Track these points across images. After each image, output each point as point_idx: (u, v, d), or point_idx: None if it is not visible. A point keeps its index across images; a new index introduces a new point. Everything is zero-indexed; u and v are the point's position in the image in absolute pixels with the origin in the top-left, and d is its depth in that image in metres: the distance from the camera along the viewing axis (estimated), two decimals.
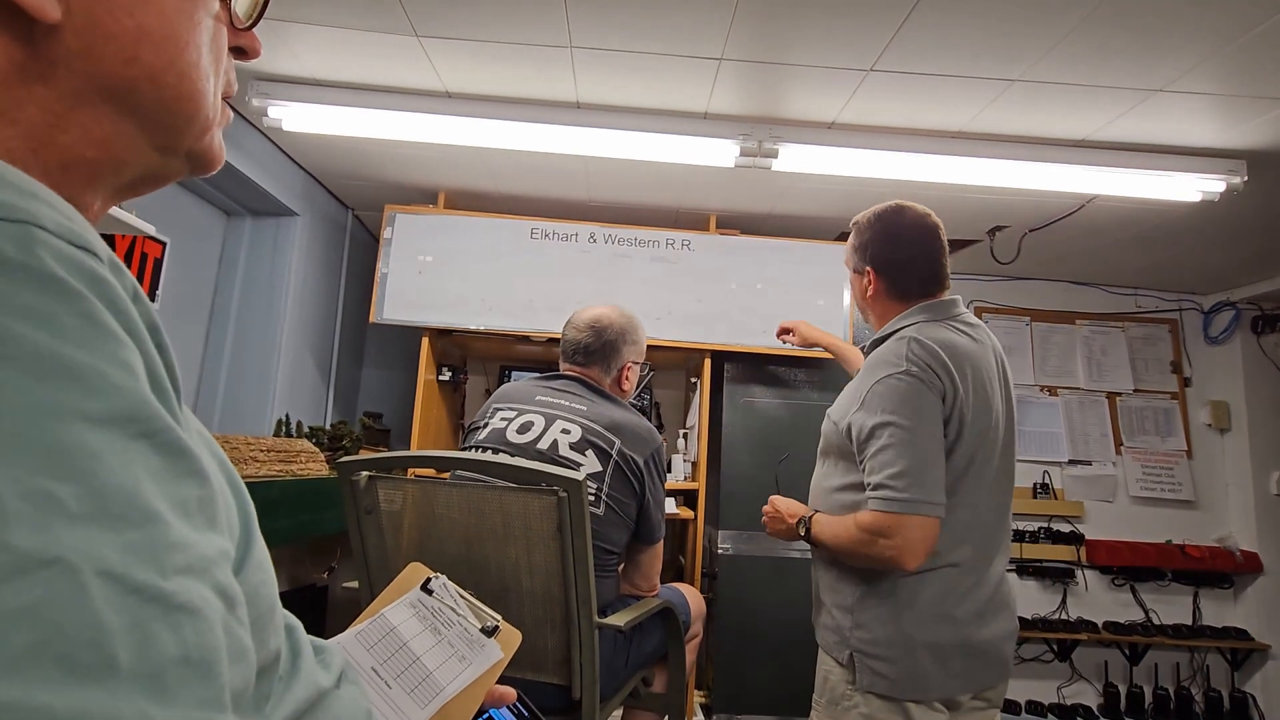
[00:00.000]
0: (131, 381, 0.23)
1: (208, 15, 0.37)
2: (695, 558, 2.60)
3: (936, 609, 1.15)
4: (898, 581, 1.17)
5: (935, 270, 1.29)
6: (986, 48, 1.65)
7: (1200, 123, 1.92)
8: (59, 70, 0.31)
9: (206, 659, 0.23)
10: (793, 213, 2.76)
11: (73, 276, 0.23)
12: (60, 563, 0.19)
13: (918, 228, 1.29)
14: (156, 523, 0.23)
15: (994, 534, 1.21)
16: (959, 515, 1.16)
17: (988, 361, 1.23)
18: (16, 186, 0.23)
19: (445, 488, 1.40)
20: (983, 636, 1.17)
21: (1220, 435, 3.33)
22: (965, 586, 1.17)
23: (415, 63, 1.88)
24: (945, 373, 1.16)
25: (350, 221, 3.07)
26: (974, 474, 1.18)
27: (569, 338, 1.68)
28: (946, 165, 2.11)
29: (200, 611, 0.23)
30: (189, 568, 0.23)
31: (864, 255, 1.33)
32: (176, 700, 0.21)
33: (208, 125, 0.38)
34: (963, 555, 1.17)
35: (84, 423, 0.21)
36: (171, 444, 0.24)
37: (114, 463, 0.22)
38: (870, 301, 1.34)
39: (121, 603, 0.20)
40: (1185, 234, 2.69)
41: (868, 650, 1.18)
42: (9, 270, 0.21)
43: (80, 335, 0.22)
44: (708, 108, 2.03)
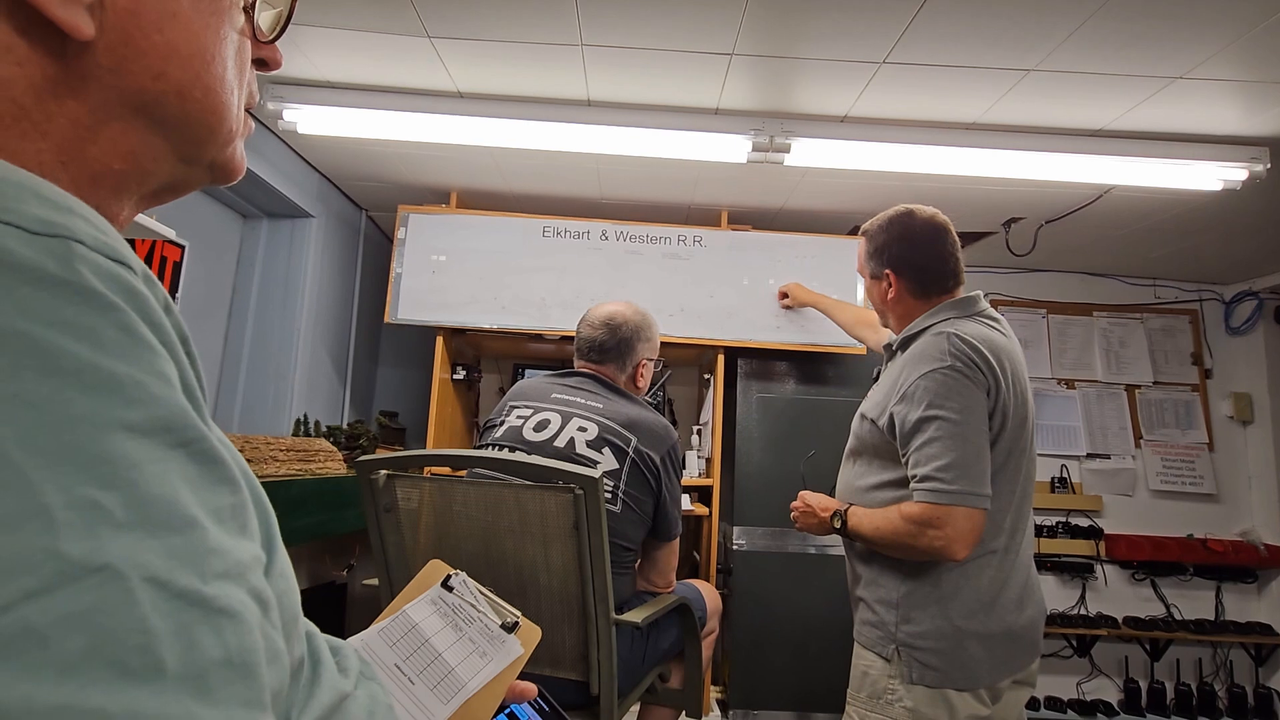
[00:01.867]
0: (168, 391, 0.24)
1: (233, 30, 0.37)
2: (711, 554, 2.60)
3: (982, 598, 1.19)
4: (941, 574, 1.20)
5: (953, 267, 1.33)
6: (1002, 37, 1.64)
7: (1221, 110, 1.89)
8: (90, 85, 0.31)
9: (247, 660, 0.23)
10: (805, 208, 2.75)
11: (111, 290, 0.23)
12: (109, 569, 0.20)
13: (931, 227, 1.34)
14: (195, 529, 0.23)
15: (1024, 521, 1.25)
16: (997, 505, 1.19)
17: (1019, 355, 1.28)
18: (54, 202, 0.24)
19: (463, 486, 1.41)
20: (1021, 622, 1.20)
21: (1243, 427, 3.28)
22: (1005, 574, 1.20)
23: (427, 63, 1.89)
24: (988, 368, 1.19)
25: (364, 222, 3.09)
26: (1011, 465, 1.22)
27: (584, 335, 1.68)
28: (961, 157, 2.09)
29: (239, 615, 0.24)
30: (226, 573, 0.24)
31: (882, 259, 1.36)
32: (221, 701, 0.22)
33: (231, 137, 0.39)
34: (1001, 543, 1.21)
35: (125, 432, 0.22)
36: (206, 453, 0.25)
37: (154, 471, 0.22)
38: (892, 304, 1.37)
39: (166, 607, 0.21)
40: (1206, 223, 2.64)
41: (916, 644, 1.20)
42: (51, 285, 0.22)
43: (119, 347, 0.23)
44: (719, 103, 2.03)
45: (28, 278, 0.21)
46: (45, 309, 0.21)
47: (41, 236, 0.22)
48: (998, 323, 1.31)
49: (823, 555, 2.59)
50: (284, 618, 0.31)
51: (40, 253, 0.22)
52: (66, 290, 0.22)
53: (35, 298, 0.21)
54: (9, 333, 0.20)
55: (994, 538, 1.21)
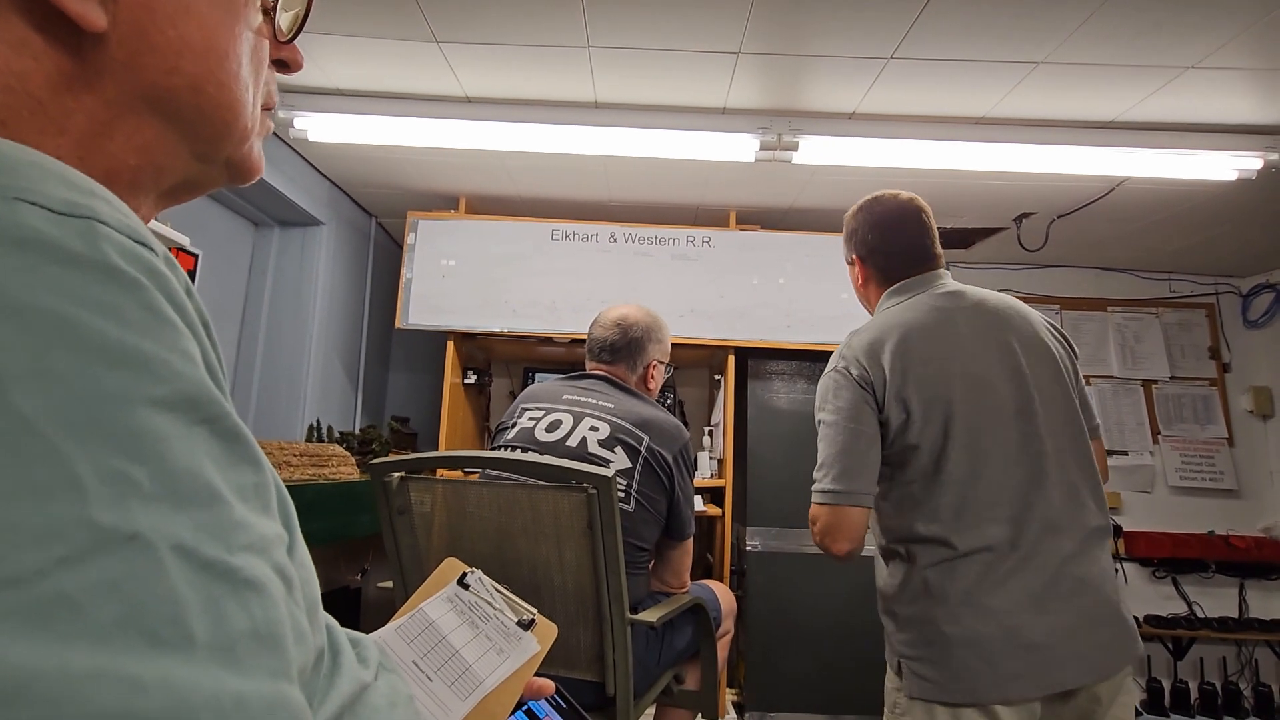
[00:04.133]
0: (192, 368, 0.24)
1: (248, 28, 0.38)
2: (724, 555, 2.59)
3: (969, 599, 1.07)
4: (927, 577, 1.11)
5: (916, 252, 1.28)
6: (1011, 30, 1.63)
7: (1235, 99, 1.87)
8: (105, 79, 0.32)
9: (274, 633, 0.24)
10: (814, 206, 2.74)
11: (135, 269, 0.23)
12: (139, 539, 0.20)
13: (896, 212, 1.30)
14: (221, 503, 0.23)
15: (1042, 509, 1.09)
16: (953, 496, 1.10)
17: (956, 330, 1.17)
18: (77, 185, 0.24)
19: (476, 487, 1.41)
20: (1046, 627, 1.05)
21: (1263, 422, 3.23)
22: (1002, 572, 1.07)
23: (436, 69, 1.90)
24: (870, 359, 1.17)
25: (374, 229, 3.11)
26: (965, 448, 1.11)
27: (595, 336, 1.68)
28: (971, 152, 2.08)
29: (265, 588, 0.24)
30: (251, 546, 0.24)
31: (850, 245, 1.35)
32: (249, 671, 0.22)
33: (246, 135, 0.39)
34: (991, 537, 1.08)
35: (151, 407, 0.22)
36: (230, 430, 0.25)
37: (180, 446, 0.22)
38: (863, 289, 1.36)
39: (195, 578, 0.21)
40: (1221, 215, 2.61)
41: (908, 653, 1.12)
42: (78, 264, 0.22)
43: (144, 325, 0.23)
44: (726, 102, 2.03)
45: (55, 256, 0.21)
46: (72, 287, 0.21)
47: (67, 217, 0.22)
48: (952, 297, 1.22)
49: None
50: (306, 602, 0.31)
51: (66, 232, 0.22)
52: (92, 269, 0.22)
53: (62, 276, 0.21)
54: (38, 310, 0.20)
55: (967, 532, 1.09)
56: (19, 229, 0.21)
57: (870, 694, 2.48)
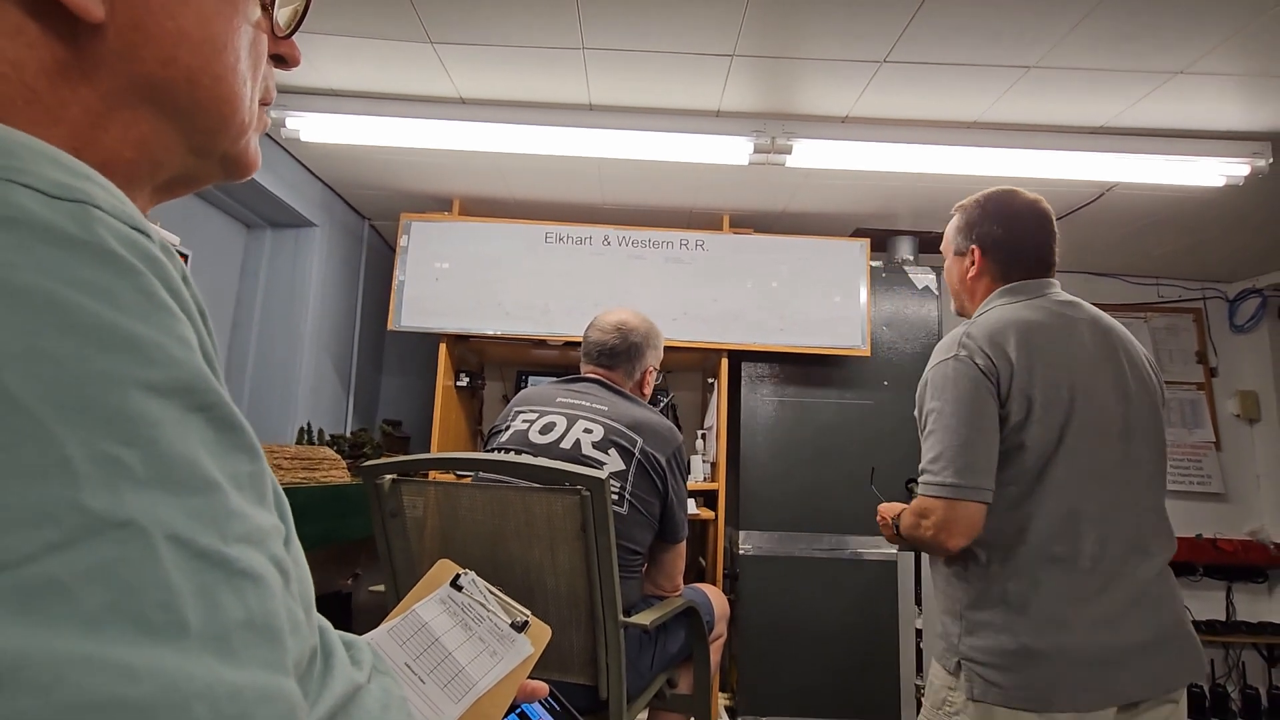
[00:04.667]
0: (188, 354, 0.24)
1: (246, 21, 0.37)
2: (717, 559, 2.58)
3: (1054, 616, 1.07)
4: (1008, 586, 1.11)
5: (1044, 255, 1.26)
6: (1001, 34, 1.64)
7: (1223, 105, 1.89)
8: (101, 70, 0.31)
9: (269, 624, 0.23)
10: (807, 210, 2.75)
11: (130, 253, 0.23)
12: (131, 525, 0.20)
13: (1029, 211, 1.27)
14: (216, 491, 0.23)
15: (1129, 529, 1.10)
16: (1053, 505, 1.09)
17: (1079, 338, 1.17)
18: (71, 169, 0.24)
19: (469, 490, 1.40)
20: (1123, 643, 1.06)
21: (1249, 426, 3.27)
22: (1090, 589, 1.07)
23: (430, 69, 1.89)
24: (995, 350, 1.13)
25: (366, 231, 3.10)
26: (1073, 457, 1.10)
27: (593, 339, 1.68)
28: (962, 156, 2.09)
29: (261, 578, 0.23)
30: (247, 536, 0.24)
31: (969, 234, 1.30)
32: (244, 662, 0.21)
33: (243, 129, 0.39)
34: (1080, 550, 1.08)
35: (145, 392, 0.22)
36: (225, 418, 0.25)
37: (174, 432, 0.22)
38: (971, 283, 1.30)
39: (188, 566, 0.21)
40: (1208, 220, 2.64)
41: (978, 659, 1.11)
42: (72, 247, 0.21)
43: (138, 309, 0.22)
44: (720, 105, 2.03)
45: (48, 238, 0.21)
46: (65, 268, 0.21)
47: (60, 200, 0.22)
48: (1067, 305, 1.21)
49: (830, 559, 2.58)
50: (301, 598, 0.31)
51: (60, 215, 0.22)
52: (86, 251, 0.22)
53: (56, 257, 0.21)
54: (30, 290, 0.20)
55: (1057, 542, 1.08)
56: (11, 209, 0.21)
57: (862, 697, 2.48)
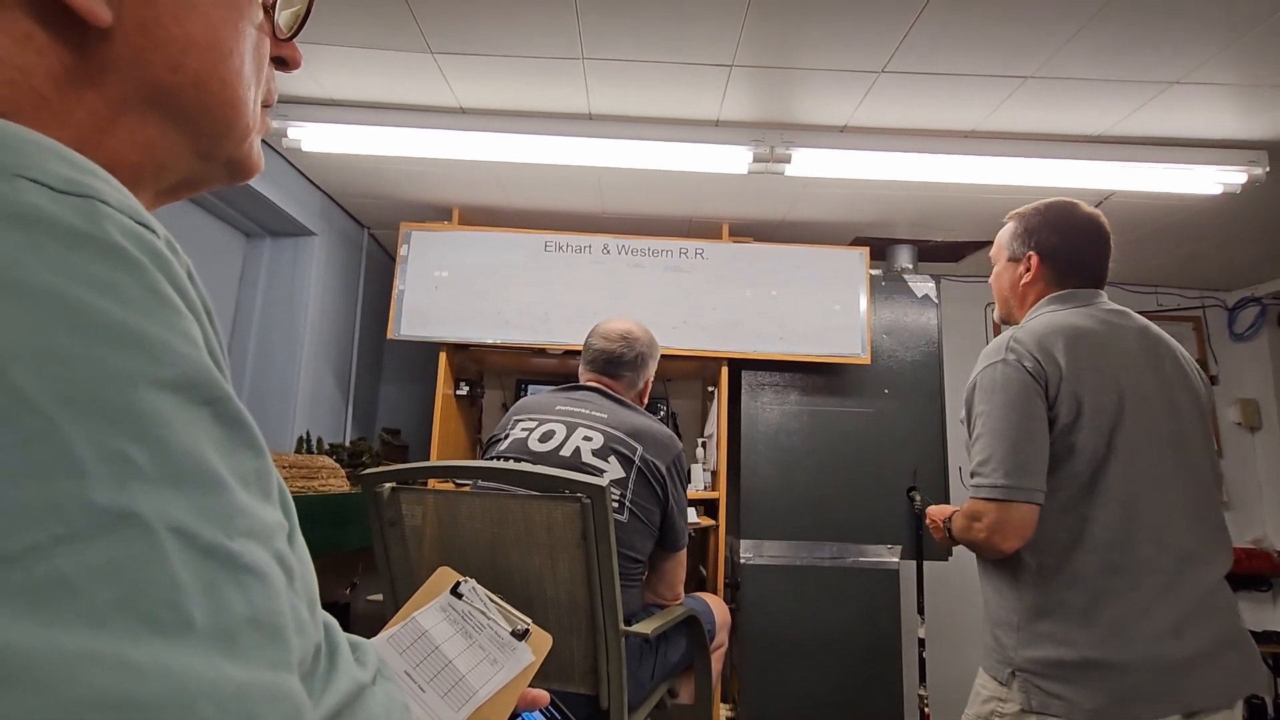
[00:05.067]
0: (194, 351, 0.24)
1: (251, 25, 0.38)
2: (718, 568, 2.57)
3: (1116, 627, 1.06)
4: (1066, 596, 1.10)
5: (1099, 268, 1.28)
6: (999, 45, 1.65)
7: (1220, 114, 1.90)
8: (108, 76, 0.31)
9: (274, 622, 0.23)
10: (805, 219, 2.76)
11: (137, 249, 0.23)
12: (138, 521, 0.20)
13: (1090, 223, 1.29)
14: (221, 488, 0.23)
15: (1185, 537, 1.10)
16: (1108, 512, 1.09)
17: (1127, 346, 1.18)
18: (78, 164, 0.24)
19: (468, 498, 1.39)
20: (1184, 653, 1.05)
21: (1251, 434, 3.26)
22: (1150, 598, 1.07)
23: (430, 80, 1.90)
24: (1043, 354, 1.14)
25: (366, 240, 3.11)
26: (1126, 464, 1.10)
27: (599, 347, 1.68)
28: (960, 165, 2.10)
29: (266, 575, 0.23)
30: (252, 533, 0.24)
31: (1028, 241, 1.30)
32: (249, 660, 0.21)
33: (247, 132, 0.39)
34: (1141, 561, 1.08)
35: (153, 389, 0.22)
36: (231, 414, 0.25)
37: (180, 428, 0.22)
38: (1024, 289, 1.31)
39: (194, 563, 0.21)
40: (1206, 229, 2.65)
41: (1038, 670, 1.10)
42: (79, 242, 0.21)
43: (145, 305, 0.22)
44: (720, 115, 2.04)
45: (56, 233, 0.21)
46: (74, 265, 0.21)
47: (68, 195, 0.22)
48: (1116, 314, 1.22)
49: (833, 568, 2.56)
50: (305, 595, 0.31)
51: (67, 210, 0.22)
52: (94, 247, 0.22)
53: (64, 254, 0.21)
54: (38, 288, 0.20)
55: (1117, 550, 1.08)
56: (19, 205, 0.21)
57: (865, 707, 2.46)
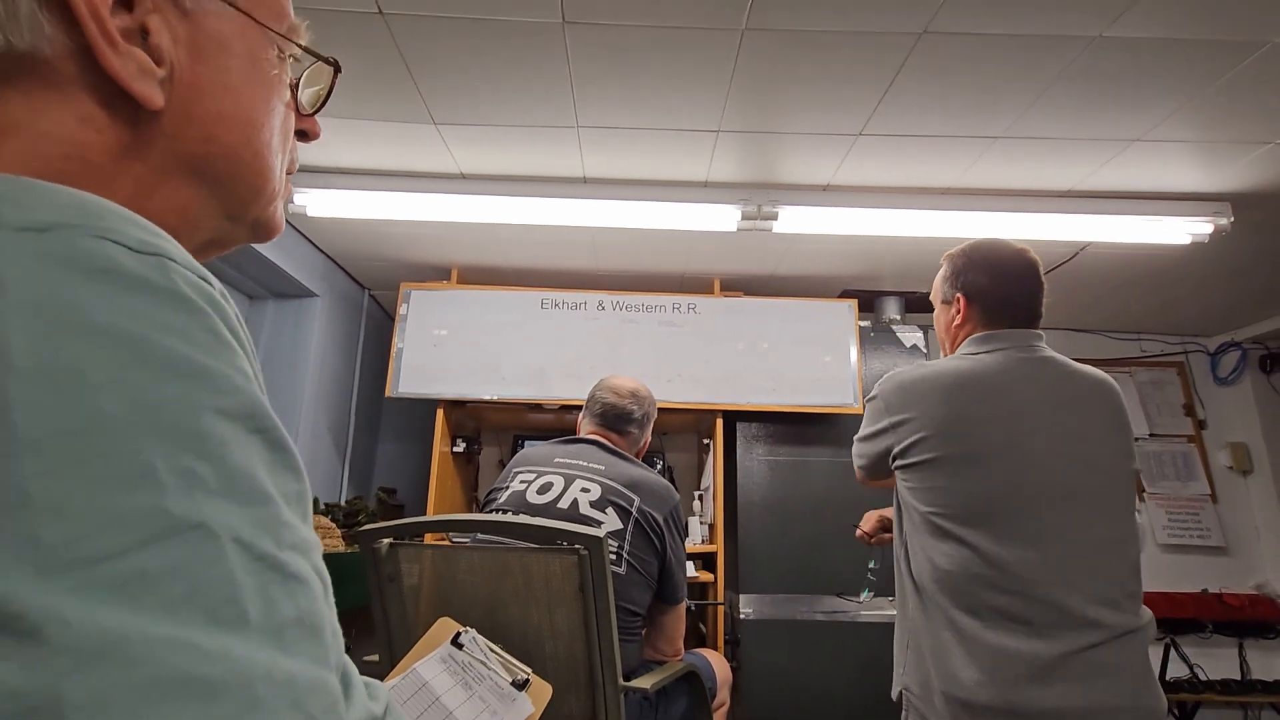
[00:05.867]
0: (248, 384, 0.27)
1: (280, 102, 0.43)
2: (717, 623, 2.53)
3: (958, 659, 1.08)
4: (929, 625, 1.14)
5: (1029, 305, 1.27)
6: (967, 109, 1.76)
7: (1182, 168, 2.00)
8: (152, 148, 0.36)
9: (316, 623, 0.26)
10: (794, 273, 2.84)
11: (200, 298, 0.27)
12: (204, 528, 0.23)
13: (1017, 260, 1.29)
14: (271, 504, 0.26)
15: (1067, 590, 1.07)
16: (975, 554, 1.10)
17: (1027, 395, 1.17)
18: (148, 229, 0.28)
19: (466, 552, 1.40)
20: (1049, 702, 1.02)
21: (1243, 477, 3.28)
22: (1016, 645, 1.06)
23: (433, 148, 2.00)
24: (898, 398, 1.24)
25: (366, 300, 3.17)
26: (998, 513, 1.11)
27: (609, 401, 1.71)
28: (939, 220, 2.19)
29: (309, 583, 0.26)
30: (296, 545, 0.27)
31: (955, 283, 1.31)
32: (295, 654, 0.24)
33: (274, 196, 0.44)
34: (1001, 606, 1.08)
35: (215, 415, 0.25)
36: (278, 441, 0.28)
37: (238, 450, 0.25)
38: (955, 331, 1.32)
39: (250, 567, 0.24)
40: (1181, 277, 2.74)
41: (915, 692, 1.16)
42: (154, 292, 0.25)
43: (208, 345, 0.26)
44: (708, 176, 2.14)
45: (135, 285, 0.25)
46: (150, 312, 0.25)
47: (143, 254, 0.26)
48: (1032, 361, 1.22)
49: (834, 622, 2.53)
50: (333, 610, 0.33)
51: (144, 266, 0.26)
52: (166, 296, 0.26)
53: (142, 302, 0.25)
54: (123, 330, 0.24)
55: (970, 595, 1.09)
56: (105, 261, 0.25)
57: None
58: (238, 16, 0.38)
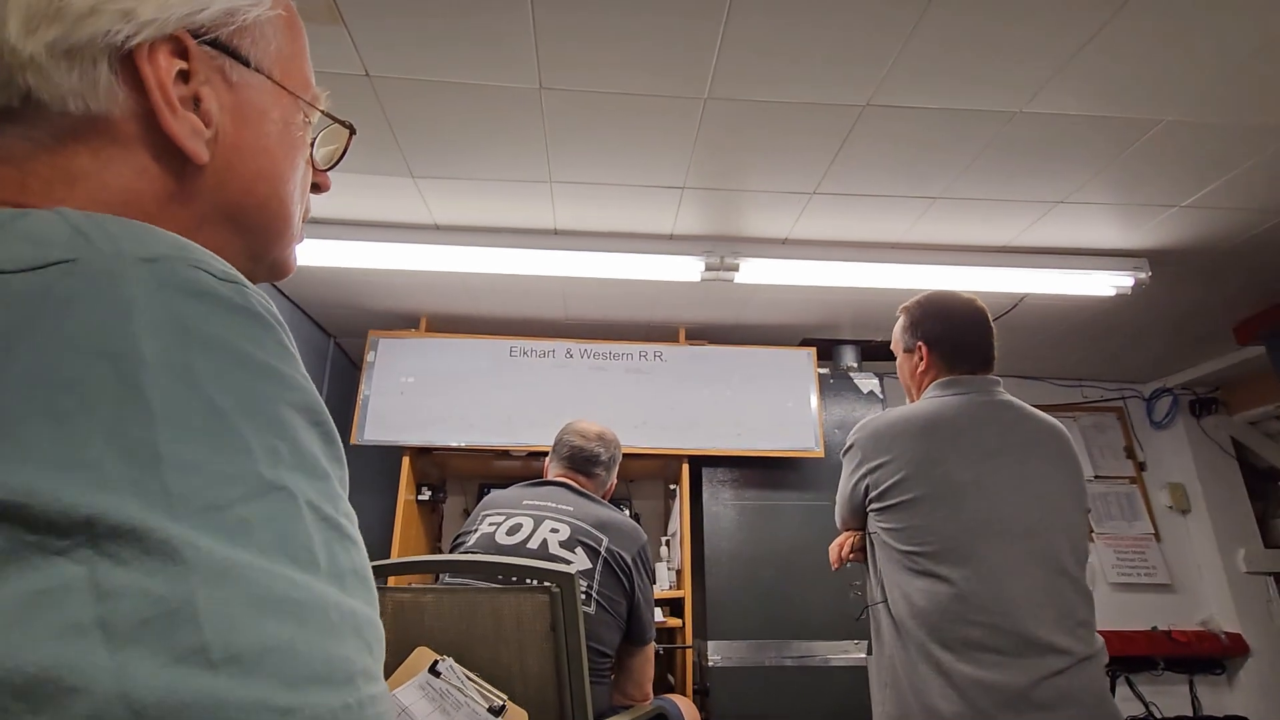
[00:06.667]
0: (309, 385, 0.33)
1: (303, 160, 0.50)
2: (686, 669, 2.52)
3: (936, 692, 1.13)
4: (901, 660, 1.19)
5: (983, 349, 1.38)
6: (909, 171, 1.92)
7: (1103, 228, 2.20)
8: (196, 198, 0.42)
9: (367, 576, 0.31)
10: (756, 322, 2.96)
11: (269, 317, 0.33)
12: (287, 490, 0.28)
13: (968, 308, 1.41)
14: (329, 480, 0.32)
15: (1030, 622, 1.13)
16: (943, 589, 1.17)
17: (989, 437, 1.27)
18: (225, 262, 0.34)
19: (434, 594, 1.40)
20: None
21: (1183, 516, 3.44)
22: (985, 674, 1.12)
23: (410, 200, 2.08)
24: (873, 441, 1.32)
25: (332, 349, 3.17)
26: (965, 546, 1.19)
27: (576, 444, 1.75)
28: (889, 272, 2.34)
29: (359, 545, 0.32)
30: (348, 515, 0.32)
31: (915, 332, 1.42)
32: (353, 595, 0.30)
33: (292, 240, 0.50)
34: (973, 639, 1.14)
35: (288, 407, 0.31)
36: (330, 434, 0.33)
37: (305, 436, 0.31)
38: (920, 376, 1.42)
39: (318, 525, 0.29)
40: (1113, 326, 2.95)
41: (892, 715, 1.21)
42: (238, 311, 0.31)
43: (279, 354, 0.32)
44: (674, 229, 2.26)
45: (224, 305, 0.31)
46: (237, 325, 0.31)
47: (226, 281, 0.32)
48: (992, 405, 1.32)
49: (801, 668, 2.54)
50: None
51: (229, 290, 0.32)
52: (247, 314, 0.32)
53: (232, 319, 0.31)
54: (222, 340, 0.30)
55: (948, 625, 1.17)
56: (203, 285, 0.31)
57: None
58: (274, 87, 0.45)
